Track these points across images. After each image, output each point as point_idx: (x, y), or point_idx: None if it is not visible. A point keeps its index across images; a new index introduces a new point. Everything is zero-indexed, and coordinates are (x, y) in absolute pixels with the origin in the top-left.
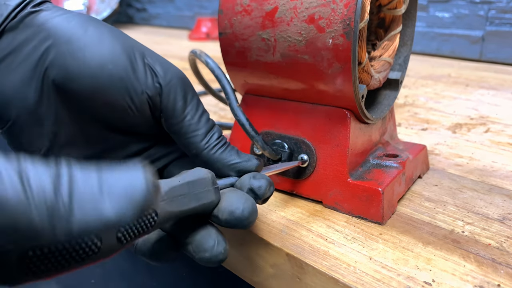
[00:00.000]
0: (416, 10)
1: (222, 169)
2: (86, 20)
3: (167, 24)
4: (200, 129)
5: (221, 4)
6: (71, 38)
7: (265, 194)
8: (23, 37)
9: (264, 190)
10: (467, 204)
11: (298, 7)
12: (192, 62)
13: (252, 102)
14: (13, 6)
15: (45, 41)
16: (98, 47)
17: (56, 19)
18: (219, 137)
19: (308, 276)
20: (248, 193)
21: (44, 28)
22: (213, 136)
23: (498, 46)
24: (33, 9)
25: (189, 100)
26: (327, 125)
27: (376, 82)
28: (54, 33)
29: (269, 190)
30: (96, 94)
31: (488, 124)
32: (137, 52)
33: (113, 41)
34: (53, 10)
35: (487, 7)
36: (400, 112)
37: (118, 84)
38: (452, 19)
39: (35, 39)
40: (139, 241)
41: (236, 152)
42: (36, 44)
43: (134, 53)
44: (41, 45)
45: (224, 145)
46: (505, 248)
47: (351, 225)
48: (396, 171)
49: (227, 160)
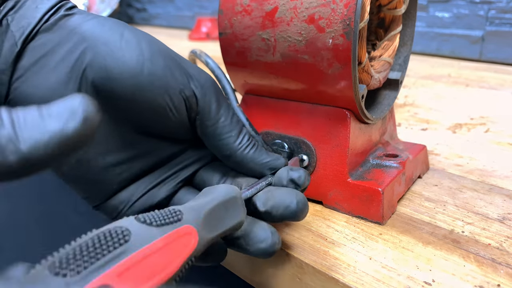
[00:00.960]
0: (416, 10)
1: (254, 168)
2: (120, 24)
3: (167, 24)
4: (233, 130)
5: (221, 4)
6: (109, 39)
7: (304, 183)
8: (57, 39)
9: (304, 179)
10: (467, 204)
11: (298, 7)
12: (192, 62)
13: (252, 102)
14: (46, 9)
15: (81, 43)
16: (137, 48)
17: (89, 22)
18: (250, 137)
19: (308, 276)
20: (288, 184)
21: (78, 31)
22: (244, 136)
23: (498, 46)
24: (66, 12)
25: (221, 102)
26: (327, 125)
27: (376, 82)
28: (89, 36)
29: (308, 179)
30: (136, 94)
31: (488, 124)
32: (172, 54)
33: (150, 43)
34: (85, 14)
35: (487, 7)
36: (400, 112)
37: (158, 83)
38: (452, 19)
39: (70, 42)
40: None
41: (265, 152)
42: (72, 46)
43: (170, 55)
44: (76, 48)
45: (254, 145)
46: (505, 248)
47: (351, 225)
48: (396, 171)
49: (260, 159)
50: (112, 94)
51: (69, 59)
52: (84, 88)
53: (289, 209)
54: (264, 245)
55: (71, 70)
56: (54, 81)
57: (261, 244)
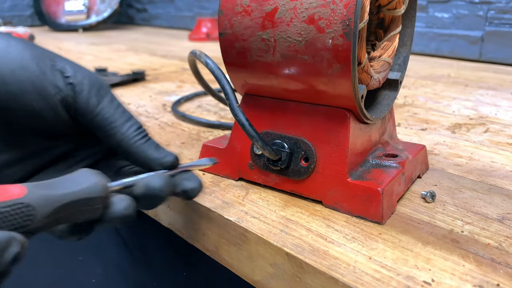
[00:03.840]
0: (415, 11)
1: (143, 161)
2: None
3: (167, 24)
4: (117, 120)
5: (221, 5)
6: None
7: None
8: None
9: (196, 193)
10: (467, 204)
11: (298, 7)
12: (192, 63)
13: (252, 102)
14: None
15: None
16: (6, 56)
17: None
18: (138, 128)
19: (308, 275)
20: (180, 194)
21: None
22: (132, 126)
23: (497, 46)
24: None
25: (102, 95)
26: (327, 125)
27: (375, 82)
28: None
29: (198, 190)
30: (10, 100)
31: (487, 124)
32: (47, 58)
33: (21, 50)
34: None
35: (487, 8)
36: (400, 112)
37: (30, 88)
38: (452, 20)
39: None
40: None
41: (157, 147)
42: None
43: (43, 59)
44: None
45: (144, 137)
46: (504, 247)
47: (351, 224)
48: (395, 171)
49: (148, 152)
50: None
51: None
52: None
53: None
54: None
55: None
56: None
57: None
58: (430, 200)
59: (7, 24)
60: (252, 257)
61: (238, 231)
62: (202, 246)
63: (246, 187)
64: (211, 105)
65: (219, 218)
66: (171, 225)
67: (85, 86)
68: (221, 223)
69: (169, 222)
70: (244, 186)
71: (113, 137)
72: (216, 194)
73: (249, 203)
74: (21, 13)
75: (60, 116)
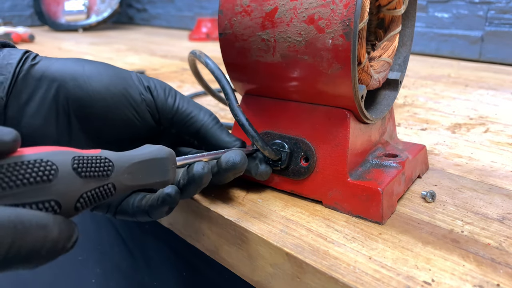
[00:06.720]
0: (415, 11)
1: (215, 144)
2: (78, 60)
3: (167, 24)
4: (193, 111)
5: (221, 5)
6: (74, 75)
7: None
8: (32, 86)
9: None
10: (467, 204)
11: (298, 7)
12: (192, 63)
13: (252, 102)
14: (16, 63)
15: (52, 83)
16: (98, 77)
17: (55, 65)
18: (211, 115)
19: (308, 275)
20: None
21: (47, 75)
22: (205, 114)
23: (497, 46)
24: (32, 62)
25: (173, 94)
26: (327, 125)
27: (375, 82)
28: (58, 76)
29: None
30: (108, 113)
31: (487, 124)
32: (126, 73)
33: (107, 69)
34: (48, 59)
35: (486, 8)
36: (400, 112)
37: (122, 98)
38: (452, 20)
39: (43, 85)
40: None
41: (226, 132)
42: (46, 89)
43: (122, 73)
44: (50, 88)
45: (217, 123)
46: (504, 247)
47: (351, 224)
48: (395, 171)
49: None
50: (88, 117)
51: (46, 100)
52: (65, 119)
53: None
54: None
55: (49, 109)
56: (39, 123)
57: None
58: (430, 200)
59: (7, 24)
60: (252, 257)
61: (238, 231)
62: (202, 246)
63: (246, 187)
64: (211, 105)
65: (219, 218)
66: (171, 225)
67: (159, 90)
68: (221, 223)
69: (169, 222)
70: (244, 186)
71: (194, 125)
72: (216, 194)
73: (249, 203)
74: (21, 13)
75: (146, 121)
